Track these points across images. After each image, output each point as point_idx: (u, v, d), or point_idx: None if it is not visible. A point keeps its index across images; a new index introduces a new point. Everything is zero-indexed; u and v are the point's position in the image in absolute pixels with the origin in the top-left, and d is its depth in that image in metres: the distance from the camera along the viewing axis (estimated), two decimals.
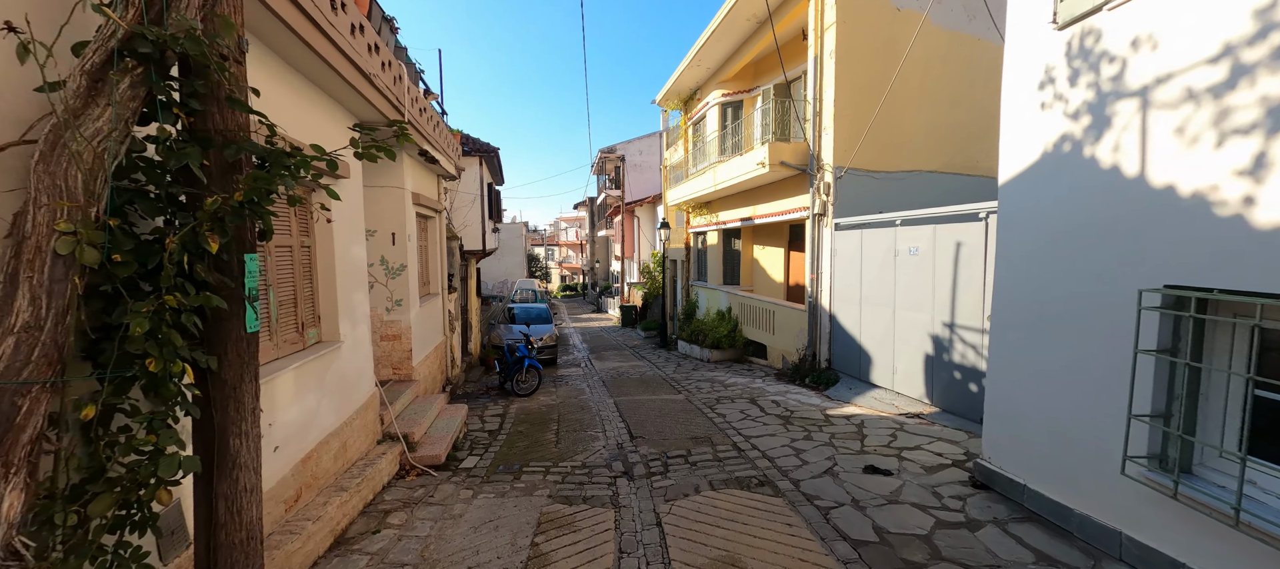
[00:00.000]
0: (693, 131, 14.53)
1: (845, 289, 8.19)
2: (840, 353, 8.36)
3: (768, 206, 10.55)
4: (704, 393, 8.49)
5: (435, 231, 8.25)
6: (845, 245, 8.17)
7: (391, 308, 6.37)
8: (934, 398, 6.54)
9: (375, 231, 6.25)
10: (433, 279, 8.24)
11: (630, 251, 27.40)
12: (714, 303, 13.32)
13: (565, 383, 10.19)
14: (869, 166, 8.61)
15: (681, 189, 14.05)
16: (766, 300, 10.77)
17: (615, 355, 13.78)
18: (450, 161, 8.00)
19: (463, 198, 15.03)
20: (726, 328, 11.84)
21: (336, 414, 4.27)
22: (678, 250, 16.59)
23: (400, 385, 6.27)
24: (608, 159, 29.95)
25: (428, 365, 7.28)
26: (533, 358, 9.27)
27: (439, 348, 8.12)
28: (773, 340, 10.47)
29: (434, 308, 7.94)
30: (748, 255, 12.92)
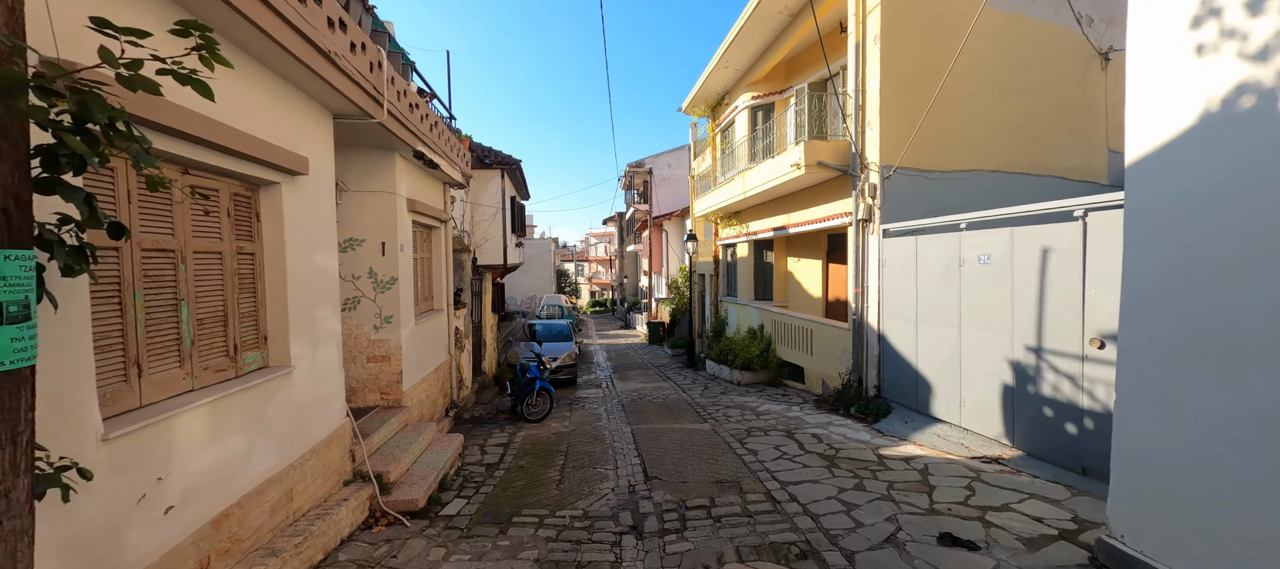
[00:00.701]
0: (721, 139, 13.63)
1: (897, 305, 7.03)
2: (892, 379, 7.18)
3: (803, 214, 9.49)
4: (733, 422, 7.44)
5: (439, 243, 7.59)
6: (896, 254, 7.05)
7: (380, 326, 5.66)
8: (1016, 438, 5.32)
9: (361, 241, 5.59)
10: (436, 294, 7.56)
11: (658, 266, 26.55)
12: (744, 320, 12.24)
13: (581, 407, 9.32)
14: (920, 165, 7.48)
15: (709, 198, 13.12)
16: (803, 317, 9.65)
17: (639, 376, 12.84)
18: (456, 168, 7.35)
19: (484, 212, 14.54)
20: (758, 347, 10.74)
21: (281, 455, 3.50)
22: (706, 264, 15.61)
23: (387, 413, 5.52)
24: (635, 173, 29.37)
25: (424, 389, 6.54)
26: (545, 380, 8.45)
27: (441, 369, 7.39)
28: (810, 362, 9.32)
29: (435, 325, 7.24)
30: (781, 268, 11.83)
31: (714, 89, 12.88)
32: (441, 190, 7.60)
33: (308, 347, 3.87)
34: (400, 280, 5.76)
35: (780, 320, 10.46)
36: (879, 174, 7.31)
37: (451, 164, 7.09)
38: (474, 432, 7.42)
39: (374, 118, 4.46)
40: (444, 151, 6.63)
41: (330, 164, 4.29)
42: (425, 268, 7.19)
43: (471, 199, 14.26)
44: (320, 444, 3.98)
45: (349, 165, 5.51)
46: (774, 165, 8.91)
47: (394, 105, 4.78)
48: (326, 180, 4.22)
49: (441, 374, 7.41)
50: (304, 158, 3.74)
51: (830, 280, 10.34)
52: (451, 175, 7.22)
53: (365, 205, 5.58)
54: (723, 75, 12.01)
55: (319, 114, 4.11)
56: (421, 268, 6.98)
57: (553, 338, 12.96)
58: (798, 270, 11.30)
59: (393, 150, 5.62)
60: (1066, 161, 8.63)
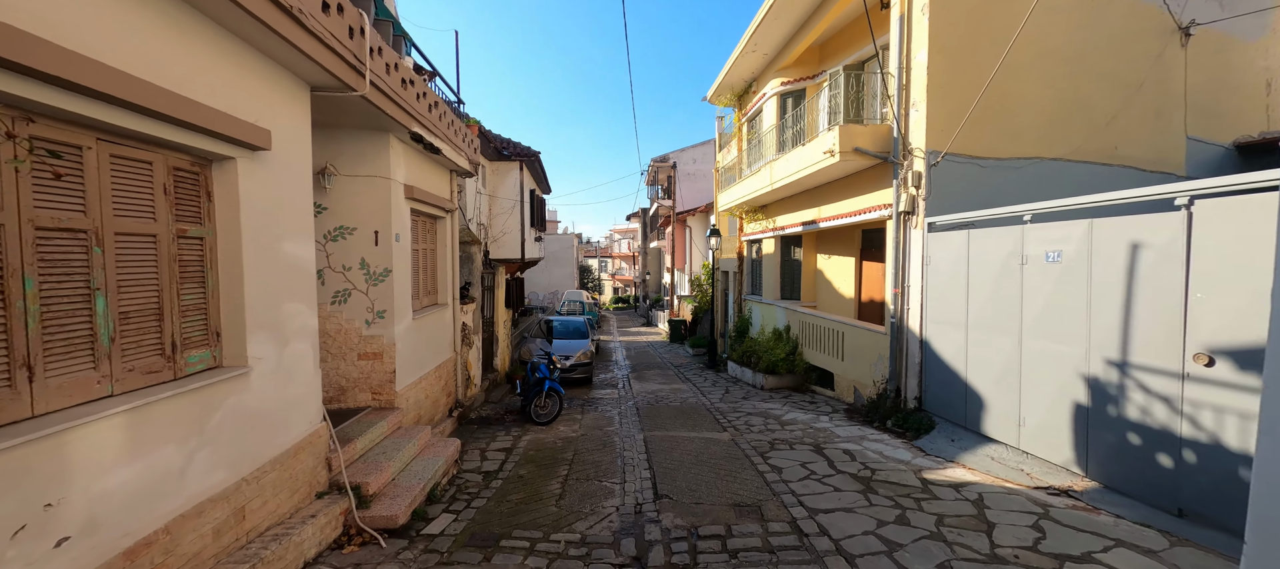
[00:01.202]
0: (747, 129, 12.87)
1: (943, 307, 6.23)
2: (936, 390, 6.38)
3: (836, 207, 8.70)
4: (755, 432, 6.77)
5: (445, 234, 7.14)
6: (943, 250, 6.24)
7: (372, 321, 5.23)
8: (1090, 467, 4.50)
9: (353, 229, 5.15)
10: (440, 288, 7.12)
11: (681, 263, 25.87)
12: (769, 320, 11.49)
13: (594, 409, 8.78)
14: (971, 152, 6.63)
15: (734, 191, 12.39)
16: (834, 319, 8.87)
17: (657, 376, 12.25)
18: (461, 154, 6.88)
19: (502, 204, 14.16)
20: (784, 350, 9.99)
21: (231, 468, 3.05)
22: (729, 261, 14.88)
23: (377, 415, 5.08)
24: (660, 168, 28.73)
25: (423, 388, 6.10)
26: (554, 380, 7.94)
27: (444, 367, 6.96)
28: (841, 368, 8.55)
29: (438, 320, 6.80)
30: (809, 266, 11.03)
31: (741, 76, 12.13)
32: (447, 178, 7.15)
33: (271, 344, 3.42)
34: (395, 272, 5.30)
35: (808, 321, 9.69)
36: (924, 160, 6.49)
37: (456, 150, 6.62)
38: (478, 434, 6.96)
39: (356, 90, 3.98)
40: (446, 135, 6.15)
41: (305, 140, 3.83)
42: (428, 260, 6.75)
43: (489, 191, 13.90)
44: (286, 453, 3.53)
45: (339, 147, 5.07)
46: (804, 153, 8.15)
47: (381, 78, 4.29)
48: (299, 158, 3.76)
49: (444, 372, 6.97)
50: (266, 130, 3.28)
51: (864, 279, 9.51)
52: (456, 162, 6.75)
53: (357, 191, 5.14)
54: (750, 60, 11.25)
55: (290, 84, 3.64)
56: (423, 260, 6.54)
57: (568, 335, 12.49)
58: (828, 268, 10.49)
59: (386, 131, 5.16)
60: (1139, 150, 7.60)
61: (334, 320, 5.13)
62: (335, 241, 5.11)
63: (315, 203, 5.03)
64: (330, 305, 5.12)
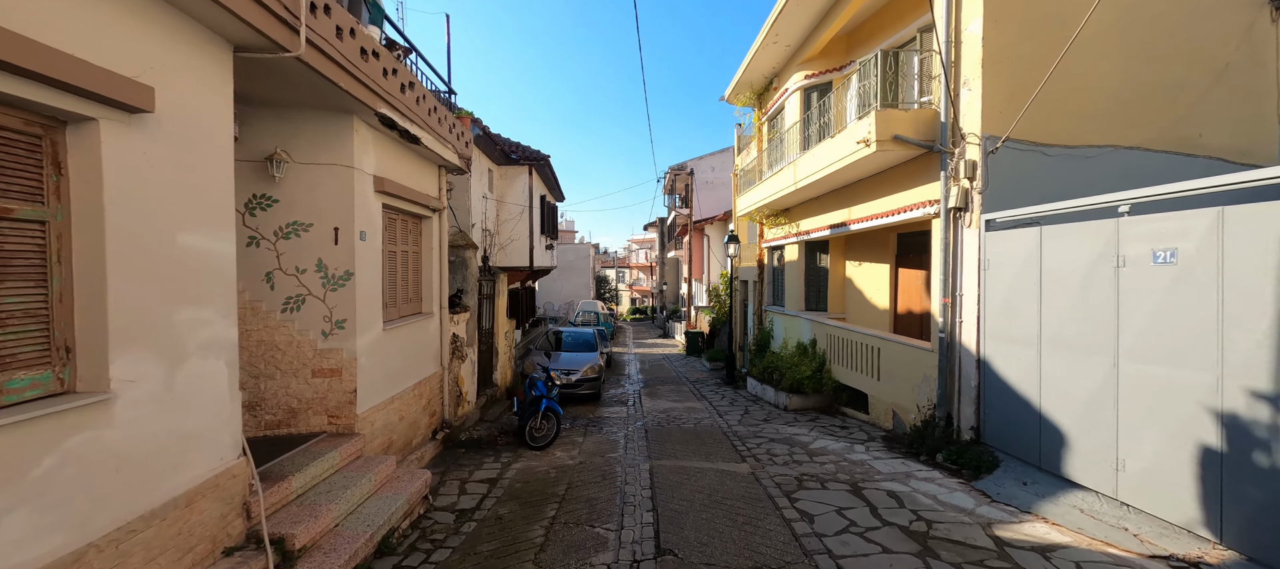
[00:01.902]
0: (767, 129, 11.95)
1: (1007, 321, 5.17)
2: (999, 421, 5.29)
3: (869, 206, 7.69)
4: (779, 464, 5.77)
5: (431, 236, 6.39)
6: (1007, 252, 5.19)
7: (330, 331, 4.45)
8: (1227, 533, 3.40)
9: (308, 225, 4.40)
10: (425, 295, 6.35)
11: (699, 273, 24.91)
12: (793, 333, 10.45)
13: (598, 430, 7.88)
14: (1036, 137, 5.59)
15: (754, 194, 11.44)
16: (867, 333, 7.81)
17: (671, 392, 11.28)
18: (448, 147, 6.14)
19: (510, 210, 13.49)
20: (810, 366, 8.94)
21: (74, 530, 2.25)
22: (749, 269, 13.88)
23: (330, 443, 4.27)
24: (677, 176, 27.95)
25: (395, 410, 5.29)
26: (552, 399, 7.08)
27: (427, 384, 6.16)
28: (877, 389, 7.47)
29: (420, 332, 6.01)
30: (837, 274, 9.97)
31: (761, 71, 11.24)
32: (434, 174, 6.41)
33: (154, 363, 2.63)
34: (358, 275, 4.53)
35: (837, 335, 8.63)
36: (980, 147, 5.48)
37: (441, 141, 5.87)
38: (463, 460, 6.12)
39: (288, 51, 3.23)
40: (427, 123, 5.40)
41: (221, 109, 3.08)
42: (410, 263, 5.99)
43: (497, 196, 13.24)
44: (174, 502, 2.73)
45: (293, 130, 4.35)
46: (834, 146, 7.18)
47: (327, 42, 3.54)
48: (211, 129, 3.00)
49: (427, 390, 6.17)
50: (147, 88, 2.52)
51: (900, 288, 8.43)
52: (443, 155, 6.01)
53: (314, 181, 4.40)
54: (771, 53, 10.36)
55: (197, 37, 2.90)
56: (401, 263, 5.78)
57: (576, 347, 11.64)
58: (858, 276, 9.43)
59: (349, 113, 4.42)
60: (1227, 138, 6.42)
61: (284, 331, 4.37)
62: (287, 239, 4.37)
63: (263, 195, 4.31)
64: (280, 314, 4.37)
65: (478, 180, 11.34)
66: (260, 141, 4.25)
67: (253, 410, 4.33)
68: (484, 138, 10.94)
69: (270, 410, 4.36)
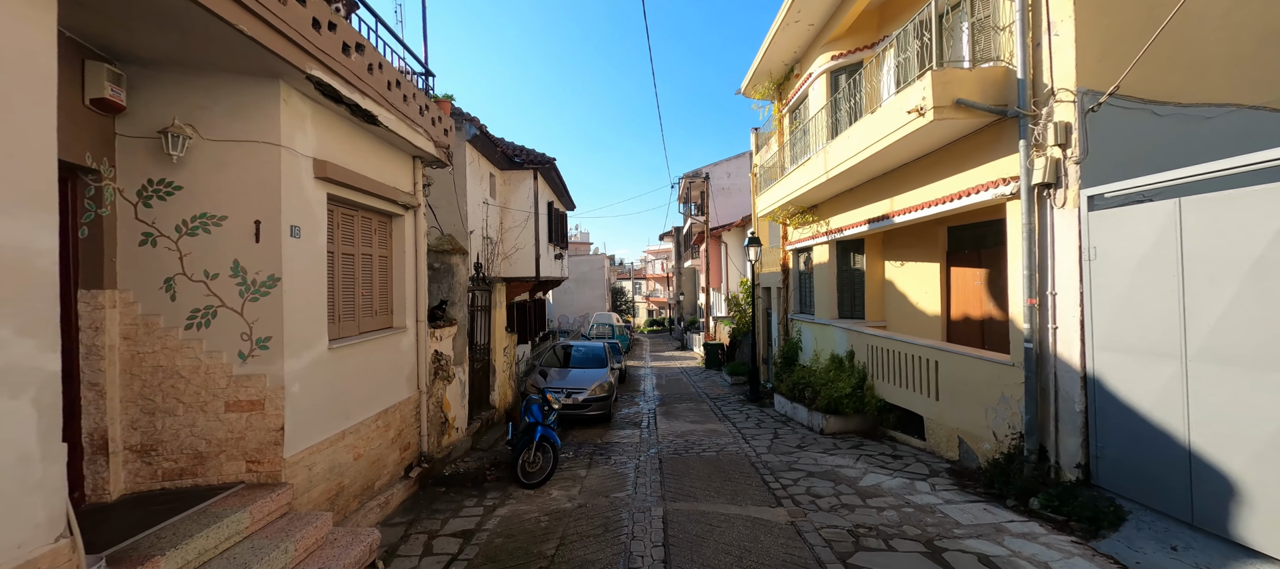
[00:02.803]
0: (789, 121, 10.81)
1: (1129, 326, 3.90)
2: (1118, 457, 4.00)
3: (917, 194, 6.48)
4: (825, 511, 4.55)
5: (404, 238, 5.41)
6: (1124, 235, 3.94)
7: (250, 353, 3.45)
8: None
9: (221, 219, 3.43)
10: (396, 306, 5.35)
11: (717, 282, 23.70)
12: (825, 344, 9.19)
13: (605, 459, 6.74)
14: (1147, 94, 4.35)
15: (776, 191, 10.28)
16: (922, 344, 6.53)
17: (689, 411, 10.08)
18: (420, 132, 5.18)
19: (515, 217, 12.58)
20: (848, 382, 7.67)
21: None
22: (771, 275, 12.66)
23: (242, 499, 3.24)
24: (692, 184, 26.90)
25: (345, 448, 4.25)
26: (548, 426, 5.98)
27: (396, 412, 5.13)
28: (936, 410, 6.18)
29: (387, 350, 5.00)
30: (875, 276, 8.71)
31: (780, 57, 10.14)
32: (407, 166, 5.46)
33: None
34: (287, 281, 3.53)
35: (881, 346, 7.37)
36: (1076, 105, 4.26)
37: (408, 124, 4.91)
38: (439, 504, 5.05)
39: None
40: (385, 98, 4.44)
41: (27, 35, 2.11)
42: (375, 269, 5.01)
43: (500, 203, 12.34)
44: None
45: (200, 99, 3.41)
46: (875, 123, 6.02)
47: None
48: (10, 74, 2.03)
49: (397, 419, 5.13)
50: None
51: (954, 290, 7.15)
52: (412, 141, 5.04)
53: (227, 163, 3.43)
54: (792, 35, 9.26)
55: None
56: (361, 268, 4.79)
57: (584, 363, 10.54)
58: (900, 278, 8.16)
59: (274, 76, 3.46)
60: None
61: (188, 352, 3.38)
62: (194, 236, 3.40)
63: (162, 180, 3.36)
64: (184, 331, 3.38)
65: (476, 183, 10.45)
66: (156, 112, 3.32)
67: (145, 456, 3.33)
68: (482, 138, 10.06)
69: (170, 455, 3.36)
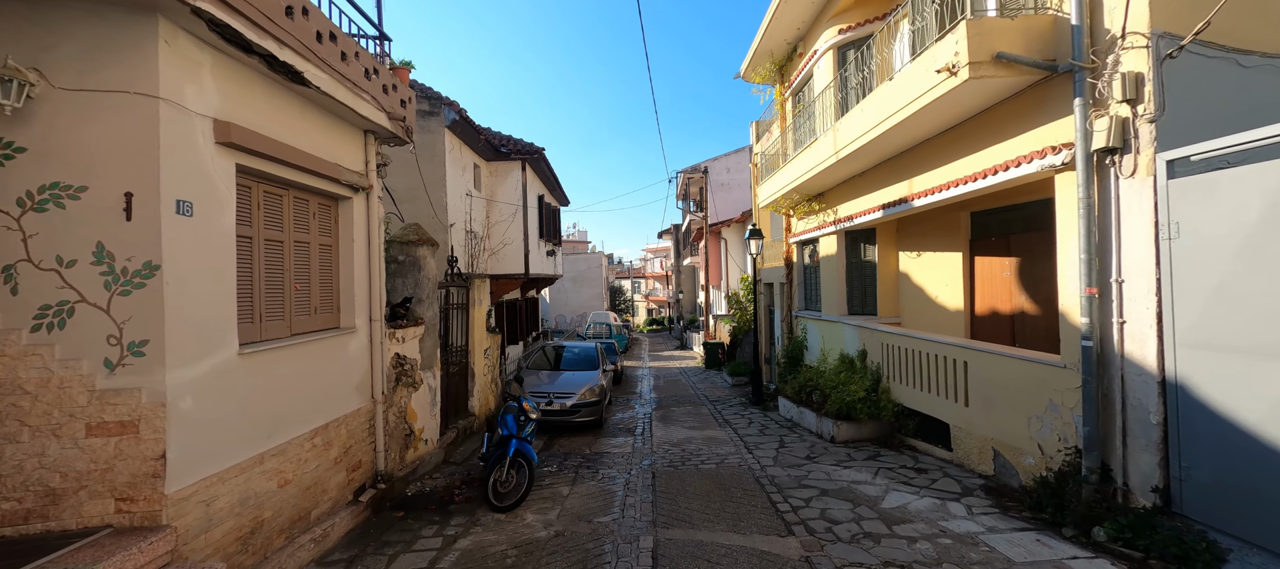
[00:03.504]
0: (792, 104, 10.04)
1: (1227, 319, 3.12)
2: (1212, 481, 3.22)
3: (942, 173, 5.71)
4: (843, 542, 3.78)
5: (354, 224, 4.65)
6: (1222, 208, 3.16)
7: (120, 362, 2.68)
8: None
9: (79, 190, 2.67)
10: (345, 303, 4.59)
11: (717, 280, 22.93)
12: (833, 343, 8.42)
13: (593, 473, 5.98)
14: (1231, 42, 3.57)
15: (779, 178, 9.50)
16: (947, 342, 5.75)
17: (687, 416, 9.31)
18: (363, 97, 4.41)
19: (502, 211, 11.83)
20: (860, 384, 6.89)
21: None
22: (774, 270, 11.88)
23: (104, 549, 2.48)
24: (691, 180, 26.13)
25: (264, 475, 3.48)
26: (525, 438, 5.22)
27: (338, 427, 4.36)
28: (965, 418, 5.40)
29: (328, 354, 4.24)
30: (888, 268, 7.93)
31: (782, 35, 9.36)
32: (356, 142, 4.69)
33: None
34: (169, 271, 2.77)
35: (897, 345, 6.59)
36: (1150, 52, 3.48)
37: (350, 88, 4.14)
38: (391, 535, 4.29)
39: None
40: (314, 53, 3.67)
41: None
42: (313, 260, 4.24)
43: (485, 195, 11.58)
44: None
45: (53, 38, 2.64)
46: (894, 92, 5.25)
47: None
48: None
49: (342, 435, 4.36)
50: None
51: (979, 282, 6.37)
52: (357, 109, 4.28)
53: (89, 119, 2.67)
54: (795, 9, 8.49)
55: None
56: (292, 258, 4.02)
57: (575, 365, 9.76)
58: (917, 270, 7.38)
59: (150, 10, 2.70)
60: None
61: (35, 361, 2.62)
62: (40, 211, 2.64)
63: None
64: (29, 333, 2.62)
65: (457, 174, 9.69)
66: None
67: None
68: (463, 124, 9.30)
69: (11, 493, 2.60)
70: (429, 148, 8.95)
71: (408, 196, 8.55)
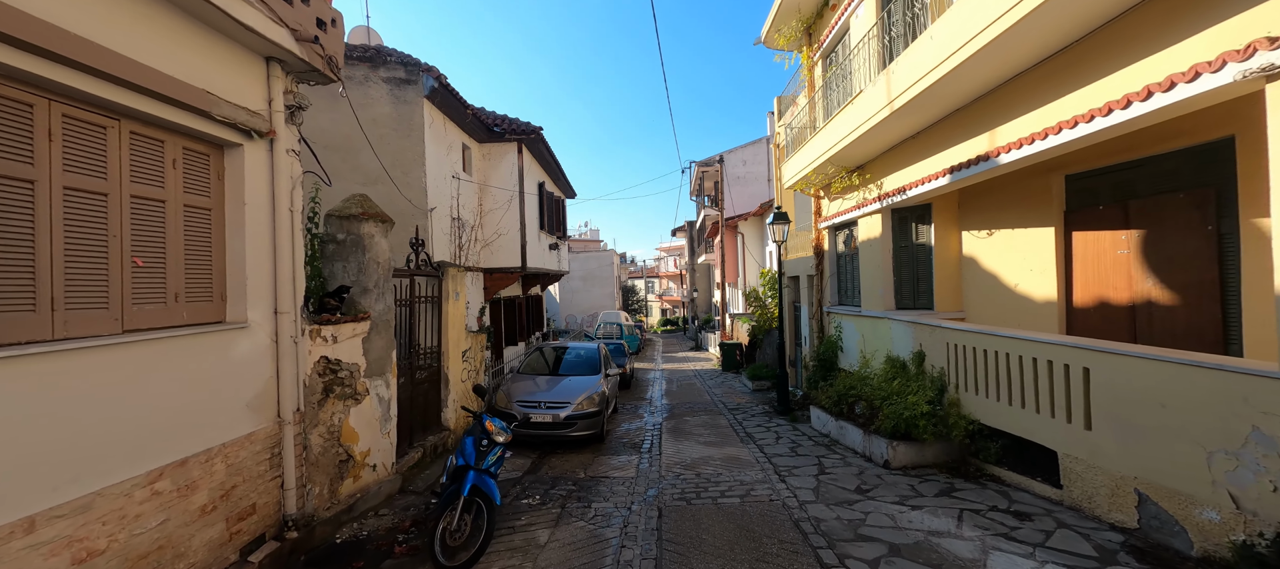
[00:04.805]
0: (822, 69, 8.59)
1: None
2: None
3: (1041, 116, 4.23)
4: None
5: (241, 179, 3.38)
6: None
7: None
8: None
9: None
10: (236, 288, 3.32)
11: (733, 277, 21.44)
12: (877, 343, 6.94)
13: (583, 508, 4.62)
14: None
15: (809, 150, 8.05)
16: (1058, 341, 4.25)
17: (703, 429, 7.90)
18: (251, 3, 3.14)
19: (496, 197, 10.58)
20: (921, 395, 5.41)
21: None
22: (800, 262, 10.41)
23: None
24: (706, 173, 24.73)
25: (41, 552, 2.21)
26: (487, 470, 3.91)
27: (208, 462, 3.08)
28: (1085, 444, 3.90)
29: (194, 360, 2.98)
30: (948, 251, 6.43)
31: None
32: (254, 71, 3.43)
33: None
34: None
35: (971, 345, 5.10)
36: None
37: None
38: None
39: None
40: None
41: None
42: (178, 227, 2.99)
43: (478, 180, 10.34)
44: None
45: None
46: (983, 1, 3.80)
47: None
48: None
49: (218, 473, 3.08)
50: None
51: (1077, 265, 4.86)
52: (240, 17, 3.01)
53: None
54: None
55: None
56: (141, 221, 2.77)
57: (574, 370, 8.43)
58: (987, 253, 5.88)
59: None
60: None
61: None
62: None
63: None
64: None
65: (440, 152, 8.46)
66: None
67: None
68: (444, 93, 8.06)
69: None
70: (405, 120, 7.75)
71: (379, 178, 7.36)
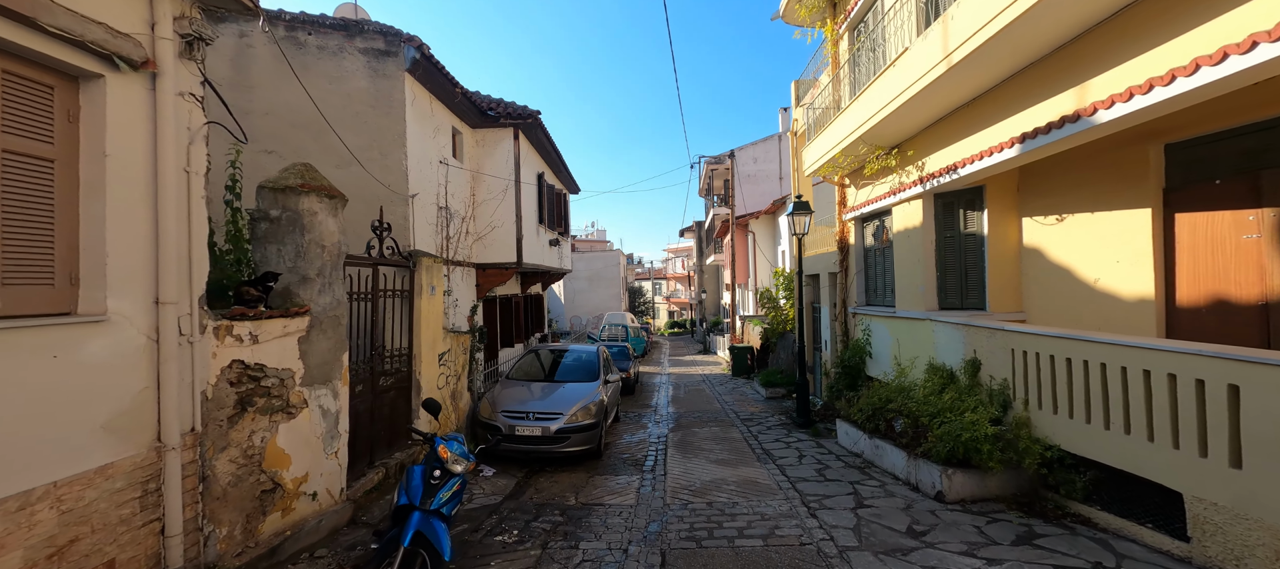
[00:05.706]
0: (849, 41, 7.64)
1: None
2: None
3: (1147, 61, 3.25)
4: None
5: (104, 122, 2.53)
6: None
7: None
8: None
9: None
10: (97, 269, 2.46)
11: (743, 277, 20.46)
12: (917, 348, 5.95)
13: (569, 548, 3.71)
14: None
15: (835, 130, 7.07)
16: (1180, 349, 3.27)
17: (713, 442, 6.96)
18: None
19: (490, 187, 9.74)
20: (981, 412, 4.42)
21: None
22: (822, 257, 9.43)
23: None
24: (715, 171, 23.77)
25: None
26: (437, 510, 3.01)
27: (31, 507, 2.21)
28: (1226, 487, 2.90)
29: (27, 366, 2.10)
30: (1005, 242, 5.43)
31: None
32: None
33: None
34: None
35: (1048, 352, 4.11)
36: None
37: None
38: None
39: None
40: None
41: None
42: (24, 188, 2.14)
43: (471, 167, 9.49)
44: None
45: None
46: None
47: None
48: None
49: (42, 525, 2.22)
50: None
51: (1182, 254, 3.87)
52: None
53: None
54: None
55: None
56: None
57: (569, 375, 7.53)
58: (1055, 242, 4.89)
59: None
60: None
61: None
62: None
63: None
64: None
65: (425, 134, 7.62)
66: None
67: None
68: (427, 66, 7.22)
69: None
70: (384, 96, 6.92)
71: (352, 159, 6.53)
